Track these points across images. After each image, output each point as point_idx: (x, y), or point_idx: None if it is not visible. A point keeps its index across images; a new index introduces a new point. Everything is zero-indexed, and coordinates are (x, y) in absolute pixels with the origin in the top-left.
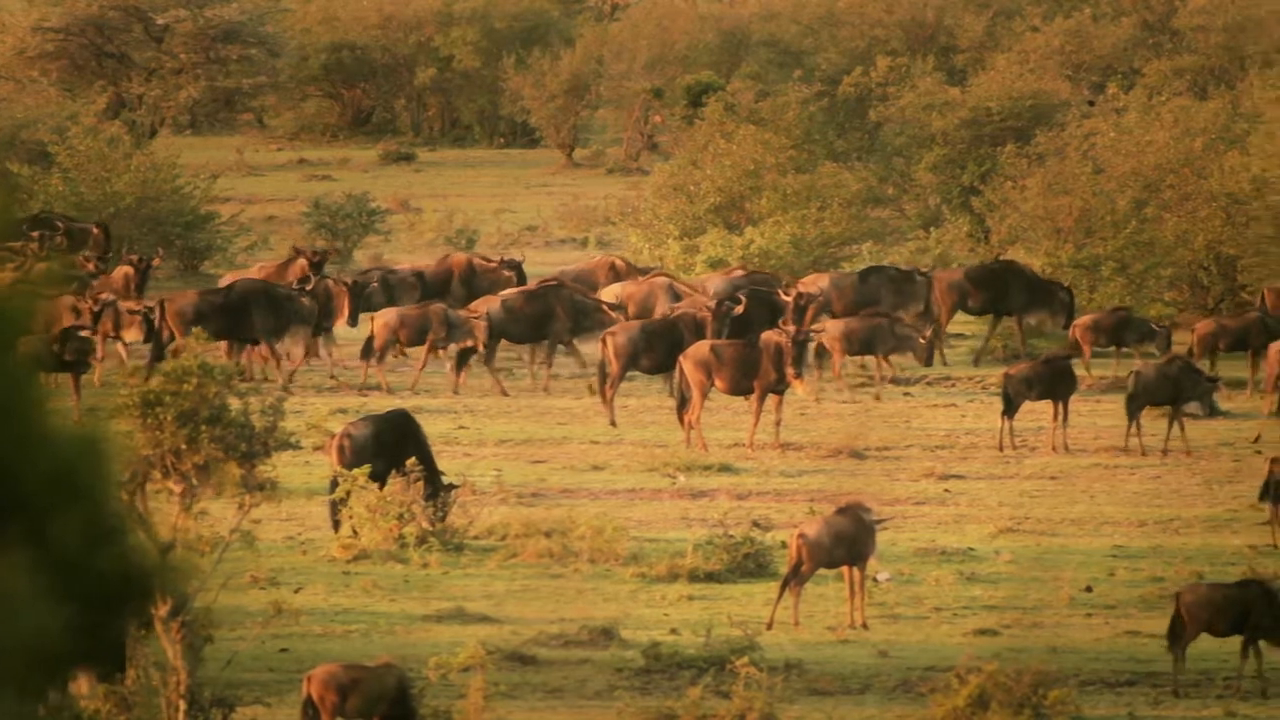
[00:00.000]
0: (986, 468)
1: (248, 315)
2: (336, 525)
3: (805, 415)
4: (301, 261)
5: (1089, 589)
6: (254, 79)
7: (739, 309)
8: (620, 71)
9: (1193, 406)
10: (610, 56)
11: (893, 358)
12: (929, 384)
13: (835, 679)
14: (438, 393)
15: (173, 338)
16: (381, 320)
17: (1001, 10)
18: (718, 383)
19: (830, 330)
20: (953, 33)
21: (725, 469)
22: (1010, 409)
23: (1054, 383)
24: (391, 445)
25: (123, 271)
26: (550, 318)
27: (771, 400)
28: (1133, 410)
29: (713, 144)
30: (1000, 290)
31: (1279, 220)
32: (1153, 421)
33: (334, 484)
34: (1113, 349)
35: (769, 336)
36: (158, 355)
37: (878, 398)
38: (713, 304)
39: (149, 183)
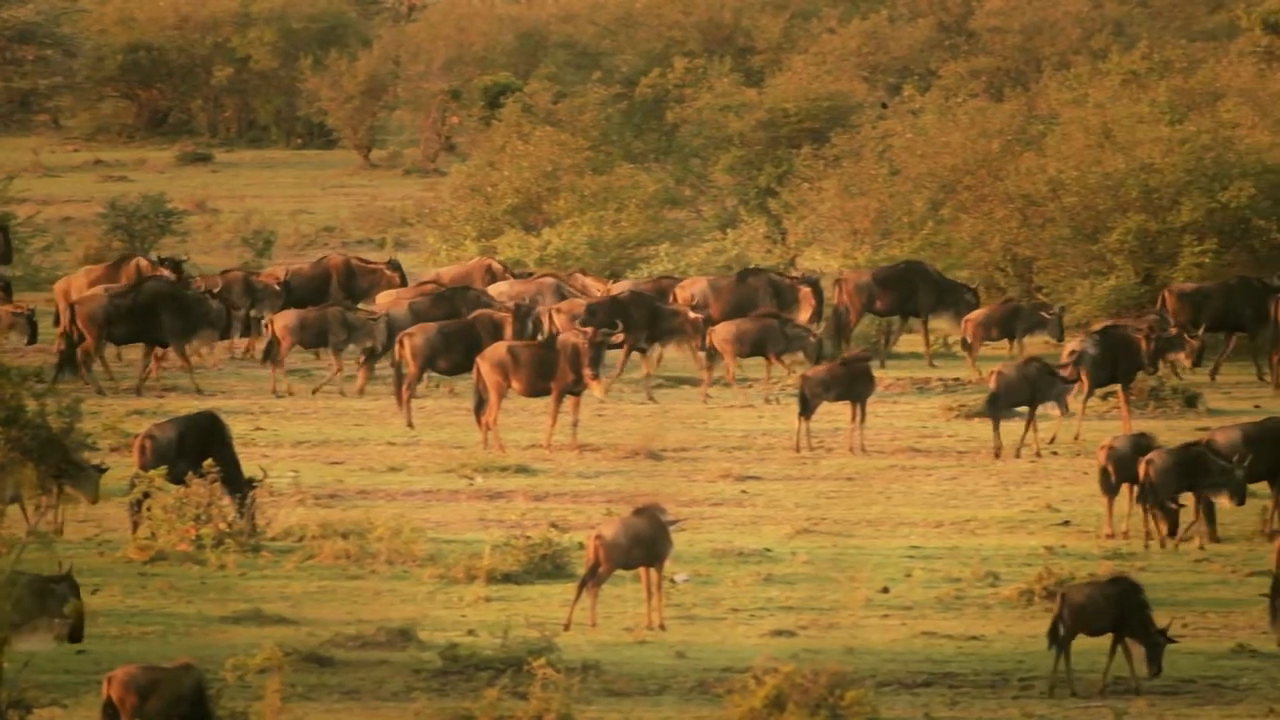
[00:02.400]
0: (783, 469)
1: (157, 317)
2: (136, 526)
3: (602, 417)
4: (138, 262)
5: (885, 590)
6: (50, 79)
7: (541, 309)
8: (418, 72)
9: (1051, 407)
10: (407, 57)
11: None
12: (725, 385)
13: (632, 680)
14: (234, 393)
15: (81, 339)
16: (281, 323)
17: (799, 12)
18: (514, 384)
19: (721, 332)
20: (750, 34)
21: (523, 470)
22: (807, 410)
23: (852, 384)
24: (196, 447)
25: None
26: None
27: (569, 401)
28: (994, 411)
29: (510, 145)
30: (908, 292)
31: (1075, 222)
32: (950, 422)
33: (133, 484)
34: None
35: (566, 338)
36: (69, 358)
37: (768, 400)
38: (512, 305)
39: None
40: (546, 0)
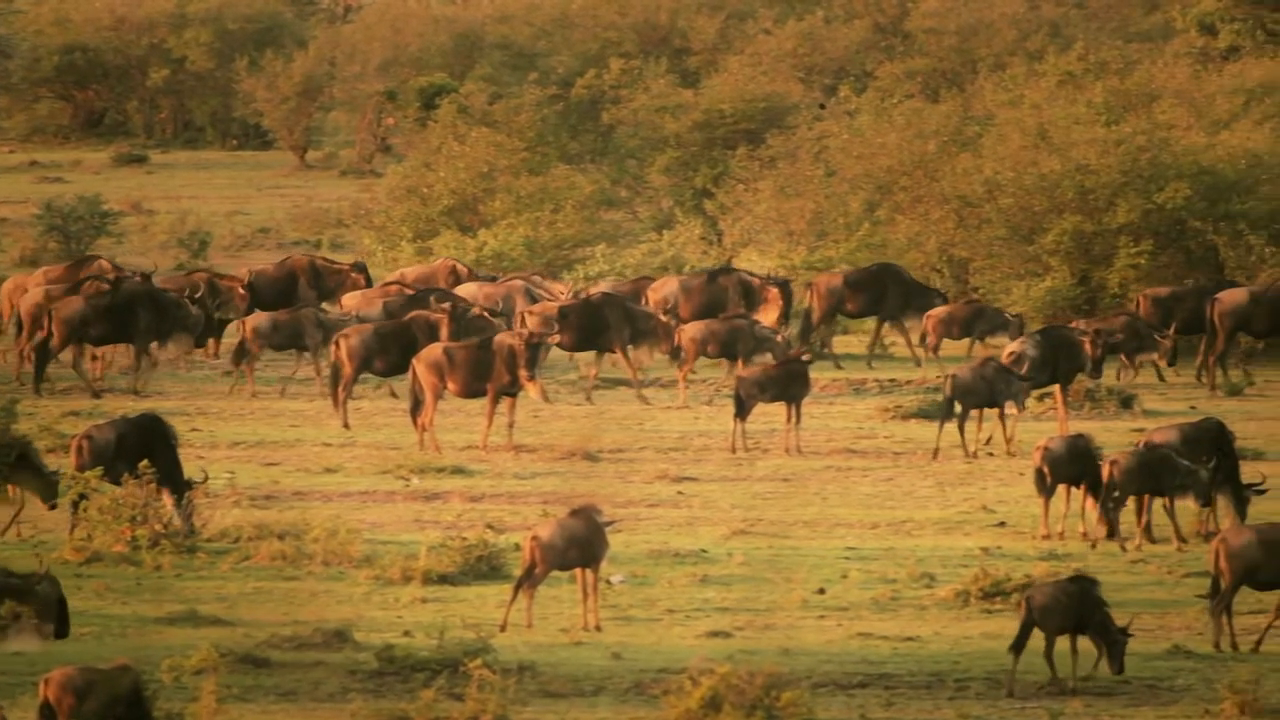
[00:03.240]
0: (719, 470)
1: (134, 319)
2: (74, 528)
3: (538, 417)
4: (101, 263)
5: (821, 591)
6: None
7: (478, 311)
8: (353, 73)
9: (1011, 406)
10: (343, 58)
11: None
12: (663, 386)
13: (568, 681)
14: (170, 394)
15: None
16: (252, 324)
17: (734, 13)
18: (450, 385)
19: (690, 331)
20: (686, 35)
21: (459, 471)
22: (742, 411)
23: (787, 385)
24: (136, 449)
25: None
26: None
27: (505, 402)
28: (947, 413)
29: (446, 146)
30: (878, 294)
31: (1011, 223)
32: (886, 423)
33: (70, 485)
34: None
35: (502, 339)
36: (43, 360)
37: (706, 402)
38: (448, 306)
39: None
40: (482, 1)
